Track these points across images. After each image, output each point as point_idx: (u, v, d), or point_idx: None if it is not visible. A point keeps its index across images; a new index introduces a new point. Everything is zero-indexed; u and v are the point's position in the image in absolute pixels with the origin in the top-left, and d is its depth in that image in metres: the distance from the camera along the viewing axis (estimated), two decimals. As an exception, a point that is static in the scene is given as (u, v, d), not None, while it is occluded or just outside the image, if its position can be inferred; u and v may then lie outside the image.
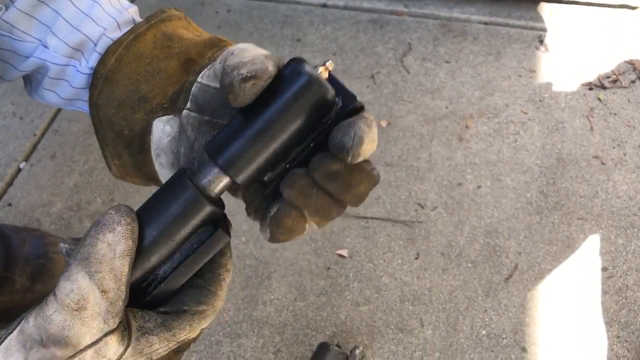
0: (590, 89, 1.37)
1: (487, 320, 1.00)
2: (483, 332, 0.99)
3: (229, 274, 0.47)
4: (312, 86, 0.41)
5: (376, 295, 1.05)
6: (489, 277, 1.06)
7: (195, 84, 0.54)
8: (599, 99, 1.34)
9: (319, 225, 0.48)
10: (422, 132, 1.31)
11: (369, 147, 0.42)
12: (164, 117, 0.56)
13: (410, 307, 1.03)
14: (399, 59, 1.47)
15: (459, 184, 1.21)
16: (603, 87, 1.37)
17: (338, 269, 1.09)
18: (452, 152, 1.27)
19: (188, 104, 0.55)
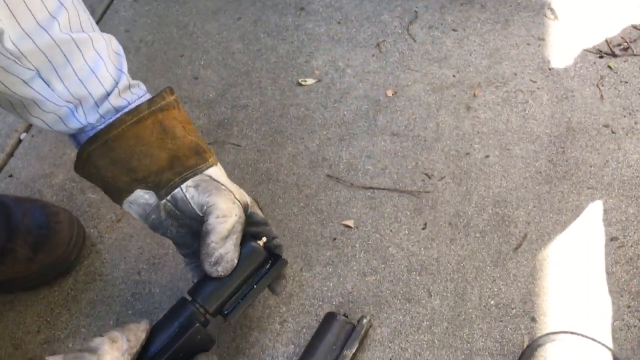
0: (601, 57, 1.34)
1: (495, 290, 0.99)
2: (492, 302, 0.97)
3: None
4: (256, 252, 0.81)
5: (383, 266, 1.03)
6: (497, 247, 1.05)
7: (178, 189, 0.76)
8: (610, 67, 1.31)
9: None
10: (429, 102, 1.29)
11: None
12: (145, 190, 0.76)
13: (418, 277, 1.01)
14: (405, 27, 1.44)
15: (467, 154, 1.19)
16: (614, 55, 1.34)
17: (344, 240, 1.08)
18: (459, 121, 1.25)
19: (169, 198, 0.77)
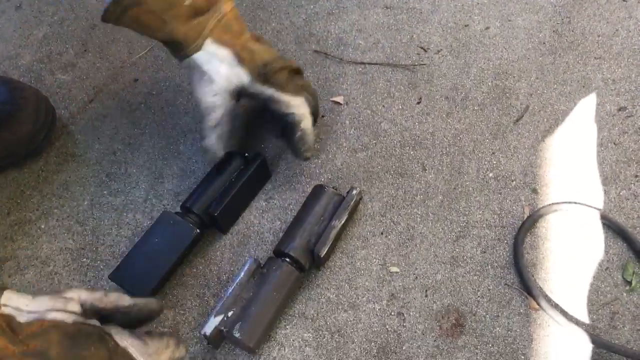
0: None
1: (494, 162, 0.93)
2: (490, 175, 0.91)
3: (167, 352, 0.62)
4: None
5: (374, 142, 0.96)
6: (497, 119, 0.98)
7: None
8: None
9: None
10: (424, -28, 1.19)
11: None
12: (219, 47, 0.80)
13: (412, 152, 0.95)
14: None
15: (466, 26, 1.10)
16: None
17: (333, 117, 1.00)
18: (458, -9, 1.15)
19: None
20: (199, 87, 0.80)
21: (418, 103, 1.01)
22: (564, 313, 0.78)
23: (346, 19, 1.14)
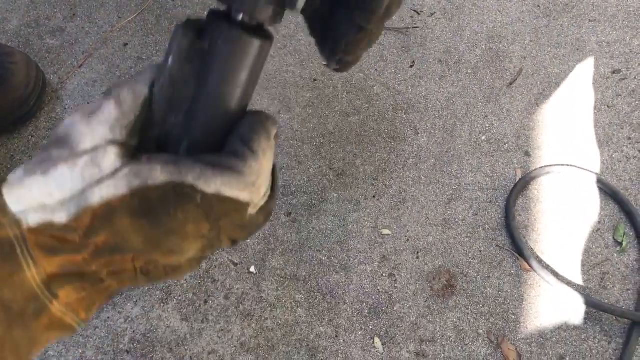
0: None
1: (487, 125, 0.92)
2: (483, 138, 0.91)
3: (270, 146, 0.36)
4: None
5: (367, 106, 0.96)
6: (490, 82, 0.97)
7: None
8: None
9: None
10: None
11: None
12: None
13: (404, 116, 0.94)
14: None
15: (459, -12, 1.09)
16: None
17: (325, 80, 0.99)
18: (452, -46, 1.13)
19: None
20: None
21: (411, 66, 1.00)
22: (555, 274, 0.79)
23: (339, -18, 1.12)
